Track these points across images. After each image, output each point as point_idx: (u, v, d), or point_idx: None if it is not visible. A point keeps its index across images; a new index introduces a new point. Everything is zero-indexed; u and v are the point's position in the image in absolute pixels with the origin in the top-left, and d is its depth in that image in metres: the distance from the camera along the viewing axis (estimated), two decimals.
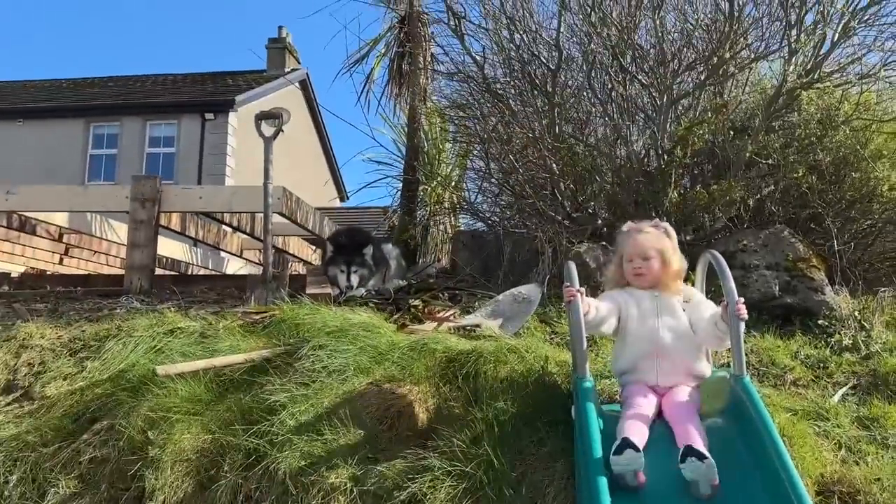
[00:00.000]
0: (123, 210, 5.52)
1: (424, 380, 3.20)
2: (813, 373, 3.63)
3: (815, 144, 4.80)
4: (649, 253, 2.87)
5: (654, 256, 2.86)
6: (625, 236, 2.98)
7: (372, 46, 6.58)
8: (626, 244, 2.94)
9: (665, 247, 2.89)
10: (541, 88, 5.25)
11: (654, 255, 2.86)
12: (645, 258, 2.87)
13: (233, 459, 2.88)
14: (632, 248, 2.91)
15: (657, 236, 2.91)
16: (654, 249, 2.87)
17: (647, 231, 2.94)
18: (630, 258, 2.91)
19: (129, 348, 3.61)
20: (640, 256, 2.88)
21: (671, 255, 2.89)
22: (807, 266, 4.33)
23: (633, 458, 2.34)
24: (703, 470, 2.31)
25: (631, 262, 2.90)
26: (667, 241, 2.92)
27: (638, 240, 2.91)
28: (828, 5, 4.79)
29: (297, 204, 5.76)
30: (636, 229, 2.96)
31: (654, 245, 2.88)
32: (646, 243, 2.89)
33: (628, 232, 2.99)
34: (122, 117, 18.45)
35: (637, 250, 2.89)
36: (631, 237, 2.94)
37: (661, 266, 2.86)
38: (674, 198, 4.77)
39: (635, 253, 2.89)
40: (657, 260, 2.86)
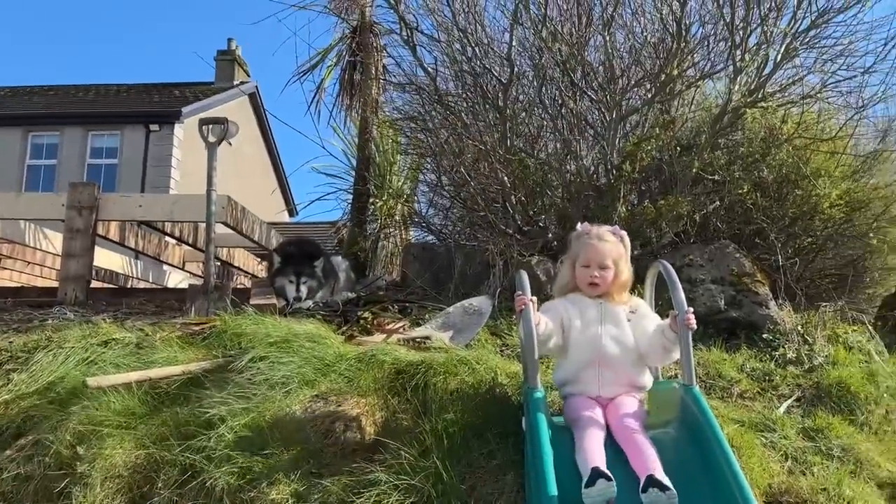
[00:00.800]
0: (59, 218, 5.31)
1: (372, 392, 3.11)
2: (759, 385, 3.67)
3: (758, 162, 4.91)
4: (607, 262, 2.79)
5: (610, 266, 2.79)
6: (582, 241, 2.88)
7: (323, 56, 6.50)
8: (584, 249, 2.84)
9: (621, 256, 2.84)
10: (492, 102, 5.25)
11: (611, 264, 2.80)
12: (602, 267, 2.79)
13: (167, 475, 2.74)
14: (590, 255, 2.81)
15: (615, 245, 2.84)
16: (612, 259, 2.80)
17: (606, 239, 2.85)
18: (587, 264, 2.82)
19: (59, 360, 3.43)
20: (598, 265, 2.80)
21: (623, 265, 2.84)
22: (751, 281, 4.40)
23: (606, 487, 2.24)
24: (663, 501, 2.23)
25: (587, 269, 2.82)
26: (622, 250, 2.86)
27: (597, 247, 2.82)
28: (771, 27, 4.91)
29: (242, 214, 5.62)
30: (596, 235, 2.86)
31: (613, 254, 2.81)
32: (605, 252, 2.81)
33: (586, 236, 2.88)
34: (62, 127, 17.85)
35: (596, 258, 2.80)
36: (590, 243, 2.84)
37: (614, 275, 2.81)
38: (622, 212, 4.81)
39: (593, 260, 2.81)
40: (613, 270, 2.80)
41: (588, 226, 2.94)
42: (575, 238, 2.94)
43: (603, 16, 5.07)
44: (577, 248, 2.88)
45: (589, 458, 2.35)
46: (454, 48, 5.28)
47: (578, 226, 2.96)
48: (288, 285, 4.55)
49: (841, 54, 4.97)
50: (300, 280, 4.55)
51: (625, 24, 5.32)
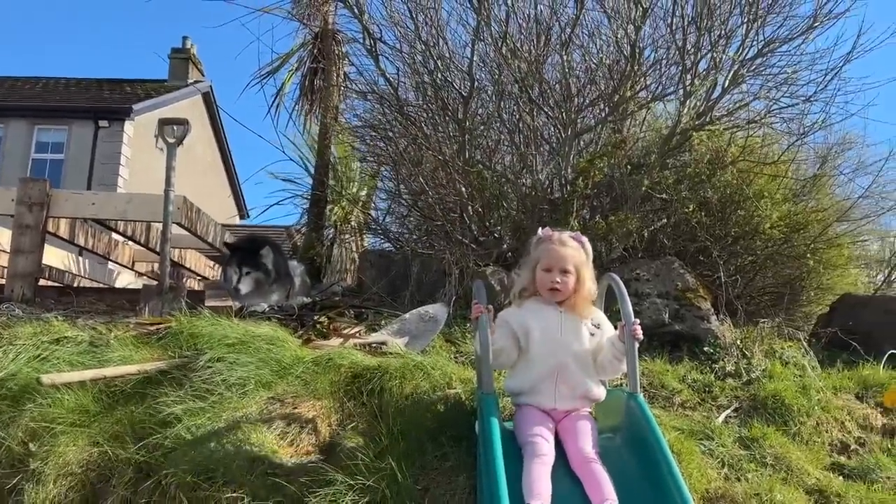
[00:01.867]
0: (8, 213, 5.18)
1: (329, 395, 3.16)
2: (699, 396, 3.84)
3: (704, 183, 5.13)
4: (568, 267, 2.75)
5: (572, 272, 2.75)
6: (544, 245, 2.83)
7: (284, 60, 6.52)
8: (545, 254, 2.80)
9: (583, 263, 2.79)
10: (452, 114, 5.36)
11: (573, 270, 2.76)
12: (564, 272, 2.75)
13: (122, 473, 2.75)
14: (552, 259, 2.77)
15: (577, 251, 2.80)
16: (574, 265, 2.76)
17: (568, 244, 2.80)
18: (548, 268, 2.77)
19: (10, 356, 3.37)
20: (560, 269, 2.76)
21: (586, 274, 2.79)
22: (694, 296, 4.58)
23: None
24: None
25: (549, 273, 2.77)
26: (584, 257, 2.81)
27: (559, 252, 2.77)
28: (720, 53, 5.15)
29: (197, 215, 5.59)
30: (558, 240, 2.81)
31: (574, 260, 2.77)
32: (567, 256, 2.76)
33: (548, 241, 2.83)
34: (6, 119, 17.31)
35: (557, 262, 2.76)
36: (552, 247, 2.80)
37: (575, 283, 2.77)
38: (575, 227, 4.94)
39: (555, 265, 2.76)
40: (574, 276, 2.76)
41: (549, 231, 2.89)
42: (536, 243, 2.89)
43: (561, 36, 5.24)
44: (538, 253, 2.83)
45: (531, 490, 2.38)
46: (416, 60, 5.38)
47: (539, 231, 2.91)
48: (233, 275, 4.65)
49: (785, 82, 5.24)
50: (243, 270, 4.63)
51: (582, 44, 5.50)
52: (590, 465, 2.53)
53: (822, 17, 5.03)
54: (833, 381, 4.13)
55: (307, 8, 6.23)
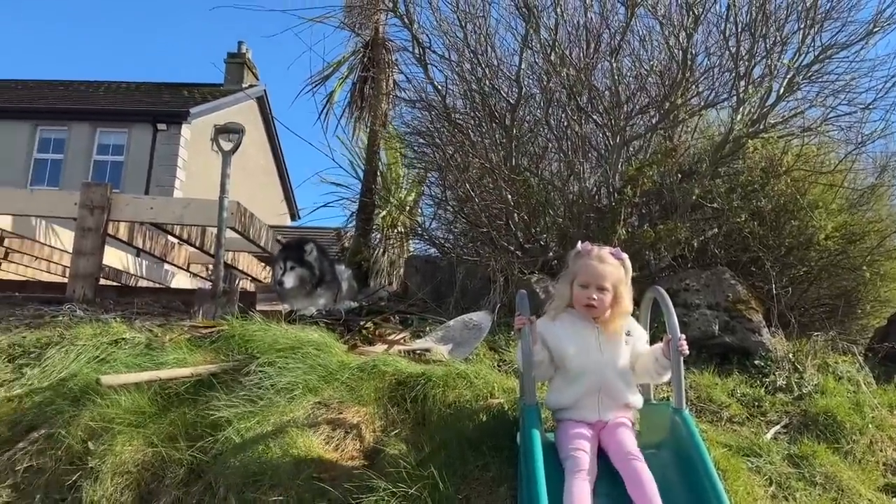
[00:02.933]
0: (71, 216, 5.41)
1: (373, 401, 3.21)
2: (748, 411, 3.77)
3: (757, 192, 5.02)
4: (606, 284, 2.73)
5: (609, 289, 2.73)
6: (582, 260, 2.80)
7: (335, 69, 6.64)
8: (583, 269, 2.78)
9: (621, 280, 2.77)
10: (500, 121, 5.37)
11: (610, 287, 2.73)
12: (601, 289, 2.73)
13: (174, 474, 2.84)
14: (589, 275, 2.75)
15: (616, 268, 2.77)
16: (611, 282, 2.74)
17: (608, 261, 2.78)
18: (585, 284, 2.75)
19: (71, 357, 3.53)
20: (596, 286, 2.73)
21: (624, 291, 2.77)
22: (746, 307, 4.50)
23: None
24: None
25: (585, 289, 2.75)
26: (622, 275, 2.78)
27: (597, 268, 2.75)
28: (775, 60, 5.05)
29: (250, 219, 5.73)
30: (597, 256, 2.78)
31: (612, 277, 2.74)
32: (605, 273, 2.74)
33: (587, 256, 2.81)
34: (70, 122, 18.00)
35: (595, 279, 2.74)
36: (590, 263, 2.77)
37: (613, 300, 2.75)
38: (622, 235, 4.91)
39: (592, 281, 2.74)
40: (611, 294, 2.74)
41: (589, 245, 2.86)
42: (575, 257, 2.87)
43: (611, 43, 5.21)
44: (577, 267, 2.81)
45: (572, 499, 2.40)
46: (464, 68, 5.41)
47: (579, 245, 2.89)
48: (278, 270, 4.74)
49: (843, 90, 5.11)
50: (287, 265, 4.69)
51: (632, 51, 5.46)
52: (633, 462, 2.54)
53: (882, 23, 4.89)
54: (889, 398, 4.00)
55: (359, 17, 6.32)
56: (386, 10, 6.00)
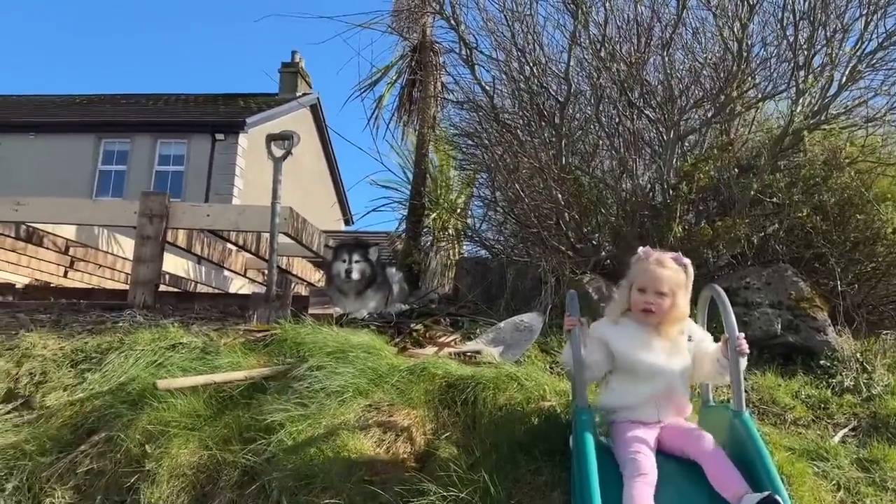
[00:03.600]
0: (131, 225, 5.56)
1: (423, 404, 3.20)
2: (813, 413, 3.63)
3: (819, 185, 4.82)
4: (664, 289, 2.71)
5: (667, 294, 2.71)
6: (643, 265, 2.79)
7: (383, 73, 6.66)
8: (642, 273, 2.77)
9: (680, 285, 2.74)
10: (549, 120, 5.30)
11: (668, 292, 2.71)
12: (659, 294, 2.71)
13: (229, 476, 2.88)
14: (648, 280, 2.74)
15: (676, 273, 2.75)
16: (670, 287, 2.71)
17: (667, 265, 2.76)
18: (643, 288, 2.74)
19: (130, 361, 3.62)
20: (655, 291, 2.71)
21: (682, 296, 2.75)
22: (809, 305, 4.34)
23: None
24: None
25: (643, 294, 2.74)
26: (683, 279, 2.75)
27: (656, 273, 2.73)
28: (836, 48, 4.85)
29: (302, 224, 5.80)
30: (656, 261, 2.77)
31: (671, 282, 2.72)
32: (663, 278, 2.72)
33: (647, 261, 2.79)
34: (132, 134, 18.61)
35: (653, 284, 2.72)
36: (649, 268, 2.76)
37: (671, 304, 2.72)
38: (678, 232, 4.78)
39: (650, 286, 2.73)
40: (670, 299, 2.71)
41: (650, 250, 2.84)
42: (635, 261, 2.86)
43: (662, 36, 5.08)
44: (635, 272, 2.81)
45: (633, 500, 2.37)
46: (512, 67, 5.36)
47: (640, 249, 2.87)
48: (341, 265, 4.71)
49: None
50: (352, 258, 4.69)
51: (685, 44, 5.32)
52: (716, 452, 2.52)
53: None
54: None
55: (406, 21, 6.33)
56: (433, 12, 6.00)
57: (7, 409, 3.48)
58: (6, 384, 3.63)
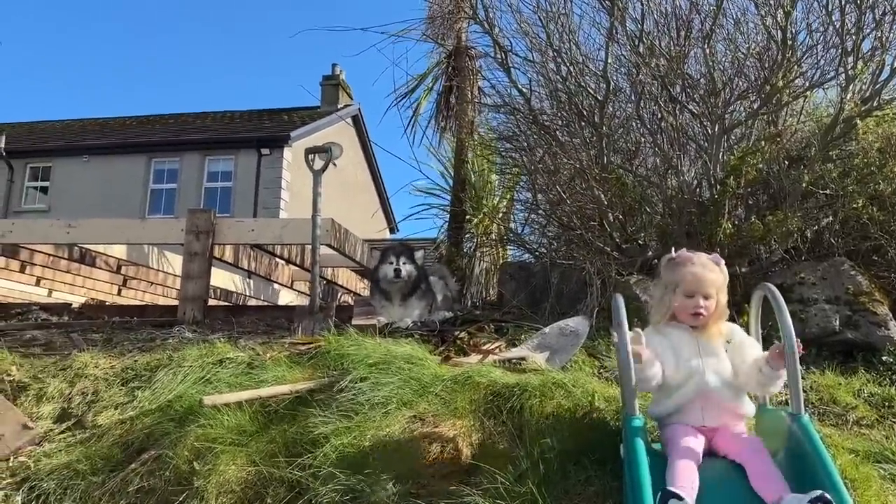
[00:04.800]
0: (179, 242, 5.67)
1: (468, 414, 3.14)
2: (877, 412, 3.46)
3: (875, 174, 4.62)
4: (711, 292, 2.68)
5: (714, 296, 2.68)
6: (682, 268, 2.74)
7: (420, 81, 6.67)
8: (687, 277, 2.71)
9: (722, 287, 2.71)
10: (588, 119, 5.21)
11: (714, 294, 2.68)
12: (707, 297, 2.67)
13: (276, 492, 2.88)
14: (694, 285, 2.69)
15: (719, 274, 2.72)
16: (716, 288, 2.69)
17: (710, 267, 2.72)
18: (691, 294, 2.69)
19: (178, 378, 3.66)
20: (703, 295, 2.67)
21: (723, 295, 2.72)
22: (869, 300, 4.17)
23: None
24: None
25: (691, 299, 2.69)
26: (723, 280, 2.73)
27: (703, 277, 2.70)
28: (886, 31, 4.65)
29: (344, 235, 5.82)
30: (700, 264, 2.73)
31: (717, 284, 2.70)
32: (710, 281, 2.69)
33: (688, 263, 2.75)
34: (182, 153, 19.08)
35: (701, 288, 2.68)
36: (695, 272, 2.71)
37: (722, 307, 2.70)
38: (727, 229, 4.65)
39: (698, 290, 2.68)
40: (715, 301, 2.68)
41: (688, 253, 2.78)
42: (671, 265, 2.81)
43: (702, 28, 4.95)
44: (678, 276, 2.74)
45: (669, 479, 2.35)
46: (548, 68, 5.29)
47: (673, 253, 2.82)
48: (388, 267, 4.74)
49: None
50: (400, 260, 4.72)
51: (727, 35, 5.17)
52: (758, 453, 2.46)
53: None
54: None
55: (440, 28, 6.32)
56: (466, 17, 5.97)
57: (61, 429, 3.55)
58: (60, 404, 3.71)
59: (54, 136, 20.71)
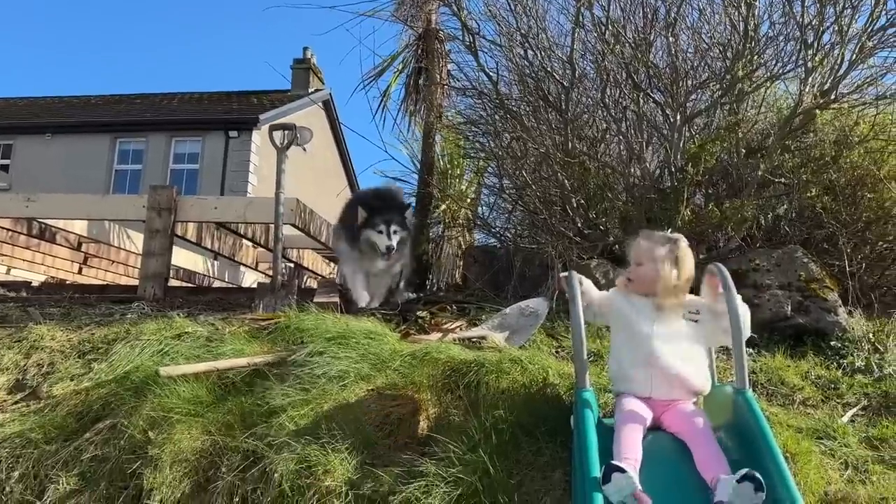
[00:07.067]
0: (140, 219, 5.60)
1: (426, 388, 3.18)
2: (823, 393, 3.57)
3: (829, 165, 4.76)
4: (640, 259, 2.86)
5: (644, 264, 2.84)
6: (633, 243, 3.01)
7: (389, 63, 6.64)
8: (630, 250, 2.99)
9: (659, 256, 2.82)
10: (554, 105, 5.26)
11: (646, 262, 2.83)
12: (637, 264, 2.87)
13: (231, 461, 2.89)
14: (631, 254, 2.94)
15: (653, 245, 2.86)
16: (647, 257, 2.84)
17: (648, 238, 2.92)
18: (629, 261, 2.95)
19: (135, 351, 3.64)
20: (635, 262, 2.89)
21: (666, 266, 2.80)
22: (820, 287, 4.28)
23: (621, 480, 2.26)
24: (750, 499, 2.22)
25: (628, 268, 2.94)
26: (662, 252, 2.82)
27: (637, 245, 2.92)
28: (845, 25, 4.76)
29: (310, 216, 5.81)
30: (643, 236, 2.96)
31: (648, 253, 2.85)
32: (640, 251, 2.89)
33: (636, 238, 3.01)
34: (147, 133, 18.74)
35: (633, 256, 2.91)
36: (634, 242, 2.97)
37: (655, 275, 2.80)
38: (686, 216, 4.74)
39: (632, 258, 2.92)
40: (647, 268, 2.82)
41: (644, 230, 3.06)
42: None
43: (667, 17, 5.02)
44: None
45: (615, 451, 2.42)
46: (516, 52, 5.32)
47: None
48: (377, 236, 4.30)
49: None
50: (391, 228, 4.32)
51: (690, 24, 5.25)
52: (701, 433, 2.52)
53: None
54: None
55: (410, 9, 6.31)
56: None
57: (15, 400, 3.52)
58: (14, 375, 3.68)
59: (17, 113, 20.23)
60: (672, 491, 2.41)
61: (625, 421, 2.54)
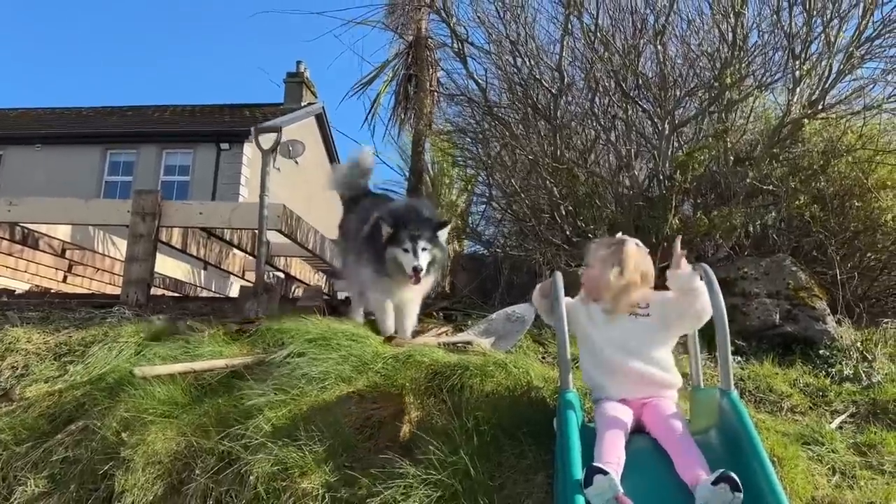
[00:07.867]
0: (124, 224, 5.51)
1: (408, 391, 3.12)
2: (811, 401, 3.54)
3: (817, 174, 4.75)
4: (589, 261, 2.87)
5: (591, 265, 2.84)
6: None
7: (379, 71, 6.63)
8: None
9: (602, 257, 2.79)
10: (543, 112, 5.24)
11: (592, 264, 2.83)
12: (587, 267, 2.88)
13: (205, 463, 2.81)
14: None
15: (598, 247, 2.87)
16: (596, 260, 2.82)
17: (598, 242, 2.95)
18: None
19: (112, 353, 3.57)
20: (585, 266, 2.91)
21: (608, 267, 2.75)
22: (808, 295, 4.26)
23: (604, 482, 2.20)
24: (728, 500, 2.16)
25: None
26: (604, 253, 2.79)
27: (589, 250, 2.93)
28: (833, 36, 4.77)
29: (296, 222, 5.74)
30: (594, 241, 3.02)
31: (593, 255, 2.85)
32: (588, 254, 2.90)
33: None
34: (138, 145, 18.66)
35: (585, 261, 2.94)
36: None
37: (598, 276, 2.77)
38: (674, 224, 4.72)
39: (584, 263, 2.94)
40: (593, 270, 2.81)
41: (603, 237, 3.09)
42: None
43: (655, 25, 5.03)
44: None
45: (597, 454, 2.36)
46: (505, 60, 5.32)
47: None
48: (402, 255, 3.62)
49: None
50: (419, 245, 3.61)
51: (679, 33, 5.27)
52: (678, 437, 2.46)
53: None
54: None
55: (401, 18, 6.30)
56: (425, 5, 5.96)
57: None
58: None
59: (7, 124, 20.13)
60: (654, 494, 2.35)
61: (607, 425, 2.49)
